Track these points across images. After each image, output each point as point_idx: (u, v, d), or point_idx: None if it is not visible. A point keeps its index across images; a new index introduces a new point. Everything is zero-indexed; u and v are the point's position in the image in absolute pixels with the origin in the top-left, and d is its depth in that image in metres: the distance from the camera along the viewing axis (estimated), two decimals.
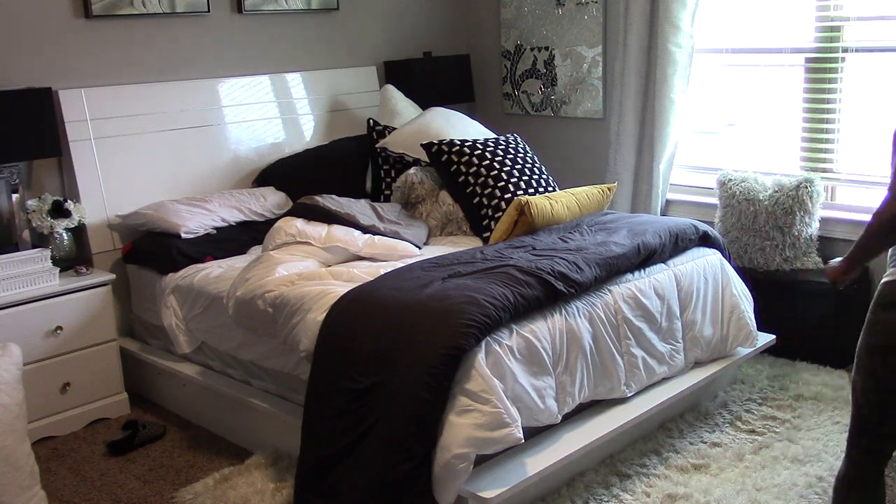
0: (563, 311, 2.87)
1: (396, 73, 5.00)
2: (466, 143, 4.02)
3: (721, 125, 4.69)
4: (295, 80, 4.64)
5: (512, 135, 4.25)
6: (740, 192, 4.12)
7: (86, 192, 3.84)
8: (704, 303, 3.40)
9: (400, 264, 3.27)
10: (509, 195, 3.84)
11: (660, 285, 3.24)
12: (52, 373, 3.52)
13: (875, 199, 4.11)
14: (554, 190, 4.03)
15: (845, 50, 4.05)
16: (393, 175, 4.34)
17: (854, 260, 2.36)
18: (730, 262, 3.63)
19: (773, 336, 3.66)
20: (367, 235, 3.61)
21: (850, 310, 3.96)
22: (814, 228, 4.05)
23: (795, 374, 3.75)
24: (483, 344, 2.59)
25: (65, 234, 3.72)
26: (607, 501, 2.83)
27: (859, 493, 2.23)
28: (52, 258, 3.60)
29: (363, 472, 2.59)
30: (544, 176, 4.06)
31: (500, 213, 3.78)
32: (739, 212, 4.12)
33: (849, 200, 4.21)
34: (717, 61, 4.56)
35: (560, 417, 2.80)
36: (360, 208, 3.83)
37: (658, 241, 3.31)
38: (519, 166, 3.98)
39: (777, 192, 4.05)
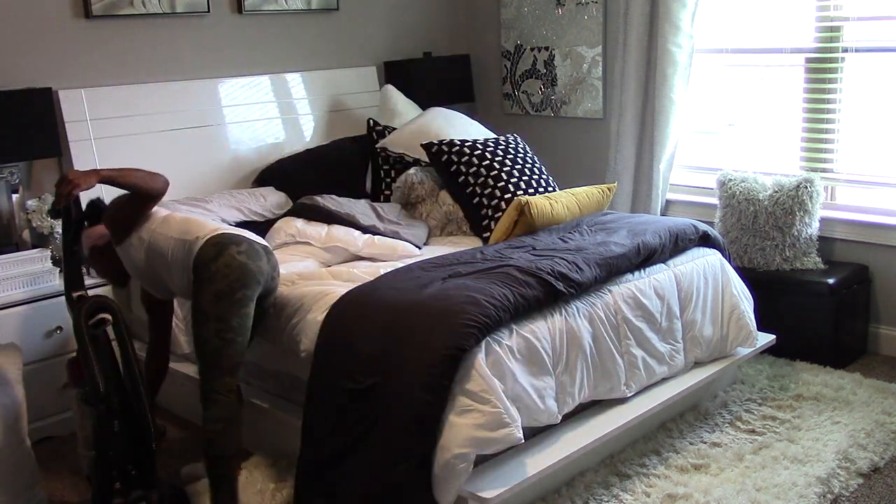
0: (563, 311, 2.87)
1: (396, 73, 5.00)
2: (466, 143, 4.02)
3: (721, 125, 4.69)
4: (295, 80, 4.64)
5: (512, 135, 4.25)
6: (740, 192, 4.12)
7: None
8: (704, 303, 3.40)
9: (400, 264, 3.27)
10: (509, 195, 3.83)
11: (660, 285, 3.24)
12: (52, 373, 3.52)
13: (875, 199, 4.12)
14: (554, 190, 4.03)
15: (845, 50, 4.05)
16: (393, 175, 4.34)
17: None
18: (730, 262, 3.63)
19: (773, 336, 3.66)
20: (367, 235, 3.61)
21: (851, 310, 3.96)
22: (814, 228, 4.05)
23: (795, 374, 3.75)
24: (483, 344, 2.59)
25: None
26: (607, 501, 2.84)
27: None
28: (52, 258, 3.59)
29: (363, 472, 2.60)
30: (544, 176, 4.06)
31: (500, 213, 3.78)
32: (739, 212, 4.12)
33: (849, 200, 4.21)
34: (717, 61, 4.56)
35: (560, 417, 2.80)
36: (360, 208, 3.83)
37: (658, 241, 3.31)
38: (519, 166, 3.98)
39: (777, 192, 4.05)
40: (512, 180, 3.90)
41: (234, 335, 2.67)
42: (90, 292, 3.65)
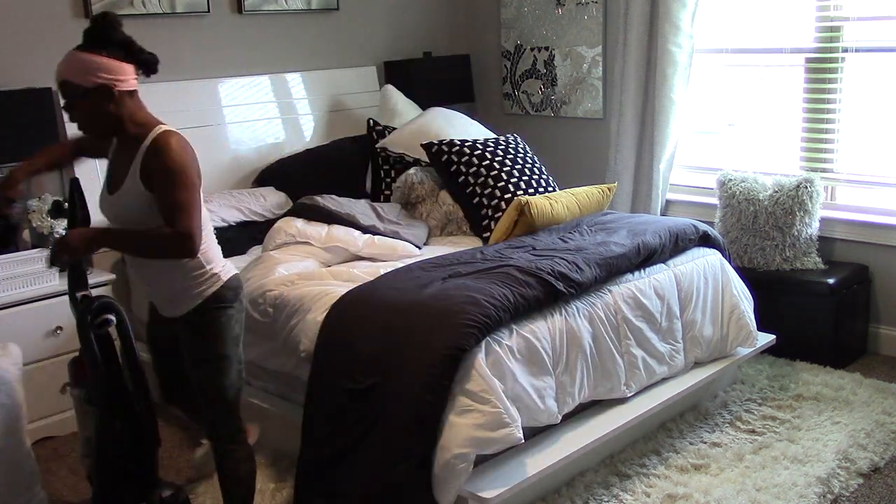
0: (563, 311, 2.88)
1: (396, 73, 5.00)
2: (466, 143, 4.02)
3: (721, 125, 4.69)
4: (295, 80, 4.64)
5: (512, 135, 4.25)
6: (740, 192, 4.12)
7: (86, 192, 3.82)
8: (704, 303, 3.40)
9: (400, 264, 3.27)
10: (509, 195, 3.84)
11: (660, 285, 3.24)
12: (52, 373, 3.52)
13: (875, 199, 4.11)
14: (554, 190, 4.03)
15: (845, 50, 4.05)
16: (393, 175, 4.34)
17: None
18: (730, 262, 3.63)
19: (773, 336, 3.67)
20: (367, 235, 3.61)
21: (851, 310, 3.96)
22: (814, 228, 4.05)
23: (795, 374, 3.75)
24: (483, 344, 2.59)
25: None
26: (607, 501, 2.84)
27: None
28: None
29: (363, 472, 2.60)
30: (544, 176, 4.06)
31: (500, 213, 3.78)
32: (739, 212, 4.12)
33: (849, 200, 4.21)
34: (717, 61, 4.56)
35: (560, 417, 2.80)
36: (360, 208, 3.83)
37: (658, 241, 3.31)
38: (519, 166, 3.98)
39: (777, 192, 4.05)
40: (512, 180, 3.90)
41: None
42: (92, 293, 3.66)
